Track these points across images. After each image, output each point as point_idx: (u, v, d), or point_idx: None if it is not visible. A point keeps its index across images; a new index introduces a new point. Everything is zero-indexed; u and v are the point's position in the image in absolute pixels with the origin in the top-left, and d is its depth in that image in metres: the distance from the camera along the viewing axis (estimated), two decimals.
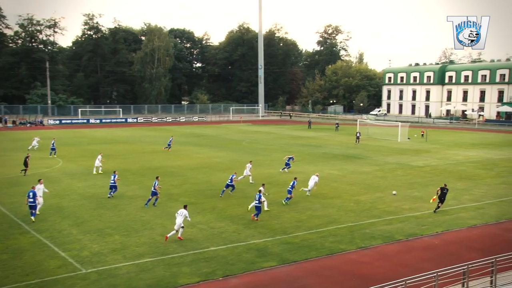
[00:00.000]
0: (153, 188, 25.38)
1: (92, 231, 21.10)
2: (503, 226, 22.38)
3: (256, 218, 22.77)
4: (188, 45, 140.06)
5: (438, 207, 24.75)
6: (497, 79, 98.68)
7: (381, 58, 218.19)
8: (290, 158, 37.51)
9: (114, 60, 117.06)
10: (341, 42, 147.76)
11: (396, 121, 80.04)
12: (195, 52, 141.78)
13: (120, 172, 35.61)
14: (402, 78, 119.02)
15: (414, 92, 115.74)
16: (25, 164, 34.43)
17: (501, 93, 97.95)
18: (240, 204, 25.77)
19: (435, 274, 13.26)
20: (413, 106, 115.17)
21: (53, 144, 44.12)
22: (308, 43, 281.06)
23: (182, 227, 19.96)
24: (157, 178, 26.14)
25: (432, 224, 22.47)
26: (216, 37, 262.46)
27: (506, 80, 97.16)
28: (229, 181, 28.17)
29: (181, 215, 19.87)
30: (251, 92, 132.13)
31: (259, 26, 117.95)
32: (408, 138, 61.71)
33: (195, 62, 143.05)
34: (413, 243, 19.92)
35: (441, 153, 48.59)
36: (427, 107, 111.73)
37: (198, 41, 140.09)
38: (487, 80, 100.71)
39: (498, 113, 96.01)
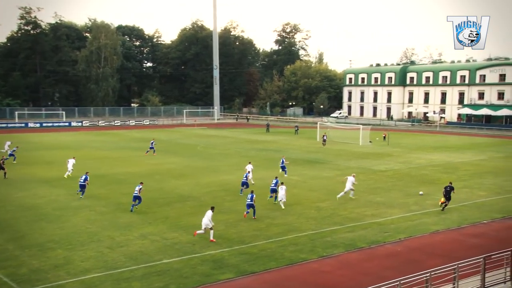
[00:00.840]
0: (136, 192, 26.13)
1: (31, 245, 20.33)
2: (465, 231, 23.25)
3: (250, 216, 24.71)
4: (138, 43, 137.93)
5: (446, 205, 26.75)
6: (458, 81, 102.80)
7: (342, 59, 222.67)
8: (282, 161, 38.15)
9: (56, 58, 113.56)
10: (300, 41, 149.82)
11: (358, 123, 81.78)
12: (145, 51, 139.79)
13: (64, 180, 34.58)
14: (363, 79, 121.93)
15: (375, 93, 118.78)
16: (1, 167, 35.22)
17: (461, 95, 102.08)
18: (195, 213, 25.55)
19: (398, 283, 13.59)
20: (375, 108, 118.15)
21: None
22: (265, 42, 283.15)
23: (211, 228, 21.27)
24: (141, 183, 27.01)
25: (395, 230, 23.06)
26: (168, 35, 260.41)
27: (467, 81, 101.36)
28: (245, 178, 31.16)
29: (206, 216, 21.48)
30: (205, 93, 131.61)
31: (213, 23, 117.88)
32: (370, 142, 63.17)
33: (146, 62, 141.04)
34: (376, 251, 20.36)
35: (403, 156, 50.02)
36: (388, 109, 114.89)
37: (148, 39, 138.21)
38: (448, 82, 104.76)
39: (459, 115, 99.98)
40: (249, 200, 24.69)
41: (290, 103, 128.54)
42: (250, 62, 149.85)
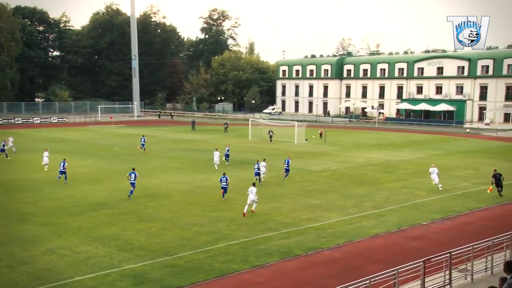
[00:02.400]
0: (132, 179, 30.78)
1: None
2: (405, 233, 24.33)
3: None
4: (42, 28, 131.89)
5: (500, 193, 31.34)
6: (396, 74, 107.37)
7: (274, 49, 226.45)
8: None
9: None
10: (228, 29, 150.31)
11: (292, 120, 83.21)
12: (51, 38, 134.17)
13: None
14: (297, 71, 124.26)
15: (311, 87, 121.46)
16: None
17: (400, 89, 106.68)
18: (112, 223, 24.96)
19: None
20: (310, 103, 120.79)
21: None
22: (190, 30, 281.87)
23: (255, 201, 26.50)
24: (133, 169, 31.72)
25: (333, 235, 23.69)
26: (78, 20, 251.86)
27: (405, 74, 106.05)
28: (286, 165, 37.14)
29: (252, 193, 26.62)
30: (123, 87, 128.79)
31: (131, 8, 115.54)
32: (306, 140, 64.50)
33: (52, 50, 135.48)
34: (313, 258, 20.82)
35: (341, 155, 51.54)
36: (325, 104, 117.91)
37: (54, 23, 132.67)
38: (386, 75, 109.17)
39: (398, 110, 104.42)
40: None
41: (219, 98, 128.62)
42: (174, 52, 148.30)
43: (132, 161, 45.42)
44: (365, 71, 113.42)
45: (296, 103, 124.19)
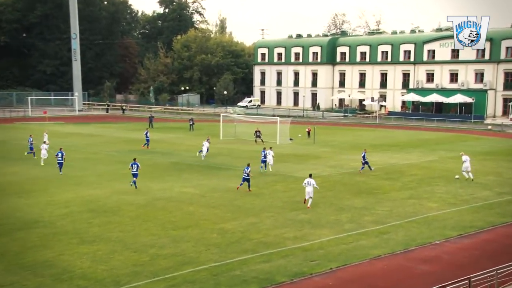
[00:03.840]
0: (134, 170, 36.64)
1: None
2: (413, 255, 24.52)
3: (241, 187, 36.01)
4: None
5: None
6: (401, 58, 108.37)
7: (251, 27, 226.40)
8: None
9: None
10: (194, 2, 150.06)
11: (274, 115, 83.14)
12: None
13: None
14: (280, 55, 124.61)
15: (296, 74, 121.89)
16: None
17: (406, 76, 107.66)
18: (46, 245, 24.69)
19: None
20: (296, 95, 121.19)
21: None
22: (146, 3, 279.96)
23: (311, 196, 31.43)
24: (134, 159, 37.59)
25: (324, 257, 23.76)
26: None
27: (412, 59, 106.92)
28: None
29: (310, 185, 31.42)
30: (61, 74, 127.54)
31: None
32: (291, 139, 64.64)
33: None
34: (301, 286, 20.84)
35: (334, 158, 51.75)
36: (314, 96, 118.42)
37: None
38: (389, 59, 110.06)
39: (404, 103, 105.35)
40: (245, 174, 35.82)
41: (182, 88, 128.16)
42: (125, 31, 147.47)
43: (71, 167, 44.97)
44: (363, 54, 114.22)
45: (279, 94, 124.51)
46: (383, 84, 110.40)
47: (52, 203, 32.72)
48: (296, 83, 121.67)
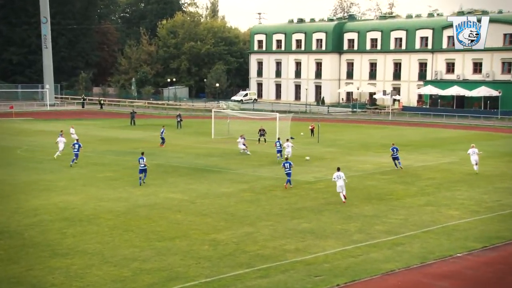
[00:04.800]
0: (141, 165, 39.60)
1: None
2: (431, 270, 24.46)
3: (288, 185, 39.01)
4: None
5: None
6: (417, 45, 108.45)
7: (246, 11, 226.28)
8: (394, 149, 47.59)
9: None
10: None
11: (273, 111, 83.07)
12: None
13: None
14: (279, 42, 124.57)
15: (298, 64, 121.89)
16: None
17: (423, 66, 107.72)
18: (13, 259, 24.64)
19: None
20: (298, 87, 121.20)
21: None
22: None
23: (344, 188, 34.98)
24: (142, 154, 40.55)
25: (330, 272, 23.72)
26: None
27: (429, 46, 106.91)
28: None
29: (341, 178, 34.86)
30: (29, 63, 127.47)
31: None
32: (292, 138, 64.51)
33: None
34: None
35: (340, 160, 51.72)
36: (318, 88, 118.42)
37: None
38: (404, 47, 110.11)
39: (420, 96, 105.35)
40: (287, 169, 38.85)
41: (169, 80, 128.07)
42: (103, 15, 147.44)
43: (41, 170, 44.96)
44: (373, 41, 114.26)
45: (278, 86, 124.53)
46: (397, 75, 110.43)
47: (19, 211, 32.61)
48: (297, 74, 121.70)
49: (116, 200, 35.17)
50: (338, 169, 35.80)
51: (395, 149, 47.43)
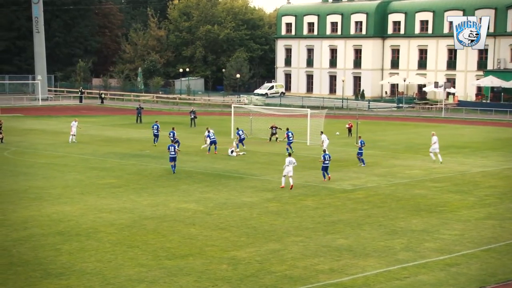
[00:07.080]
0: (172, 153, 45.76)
1: None
2: None
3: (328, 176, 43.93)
4: None
5: None
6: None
7: None
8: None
9: None
10: None
11: (303, 106, 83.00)
12: None
13: None
14: (311, 25, 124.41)
15: (333, 52, 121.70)
16: None
17: (483, 54, 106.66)
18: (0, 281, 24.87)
19: None
20: (333, 79, 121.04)
21: None
22: None
23: (291, 176, 40.39)
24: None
25: None
26: None
27: (491, 29, 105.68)
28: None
29: (291, 163, 40.51)
30: (18, 51, 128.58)
31: None
32: (337, 133, 64.74)
33: None
34: None
35: (383, 164, 51.68)
36: (357, 80, 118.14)
37: None
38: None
39: (480, 89, 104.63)
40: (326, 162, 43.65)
41: (181, 70, 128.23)
42: None
43: (31, 175, 45.26)
44: (423, 23, 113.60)
45: (309, 78, 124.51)
46: (451, 64, 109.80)
47: (6, 223, 32.83)
48: (332, 63, 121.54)
49: (119, 211, 35.24)
50: (290, 155, 42.67)
51: (362, 143, 51.01)
